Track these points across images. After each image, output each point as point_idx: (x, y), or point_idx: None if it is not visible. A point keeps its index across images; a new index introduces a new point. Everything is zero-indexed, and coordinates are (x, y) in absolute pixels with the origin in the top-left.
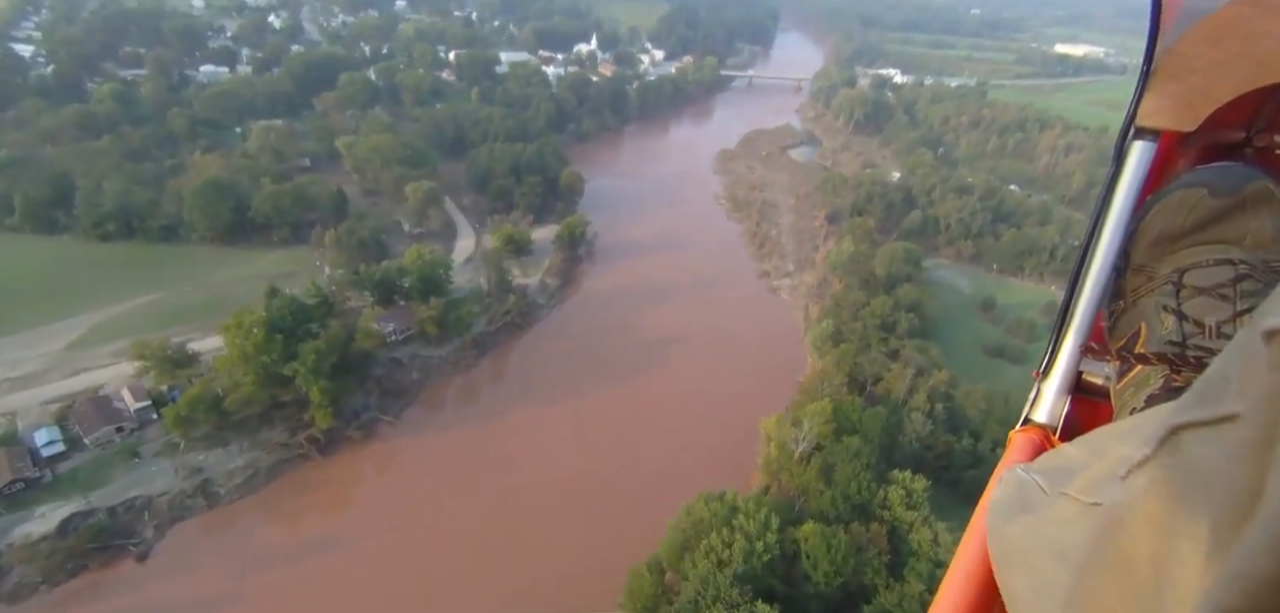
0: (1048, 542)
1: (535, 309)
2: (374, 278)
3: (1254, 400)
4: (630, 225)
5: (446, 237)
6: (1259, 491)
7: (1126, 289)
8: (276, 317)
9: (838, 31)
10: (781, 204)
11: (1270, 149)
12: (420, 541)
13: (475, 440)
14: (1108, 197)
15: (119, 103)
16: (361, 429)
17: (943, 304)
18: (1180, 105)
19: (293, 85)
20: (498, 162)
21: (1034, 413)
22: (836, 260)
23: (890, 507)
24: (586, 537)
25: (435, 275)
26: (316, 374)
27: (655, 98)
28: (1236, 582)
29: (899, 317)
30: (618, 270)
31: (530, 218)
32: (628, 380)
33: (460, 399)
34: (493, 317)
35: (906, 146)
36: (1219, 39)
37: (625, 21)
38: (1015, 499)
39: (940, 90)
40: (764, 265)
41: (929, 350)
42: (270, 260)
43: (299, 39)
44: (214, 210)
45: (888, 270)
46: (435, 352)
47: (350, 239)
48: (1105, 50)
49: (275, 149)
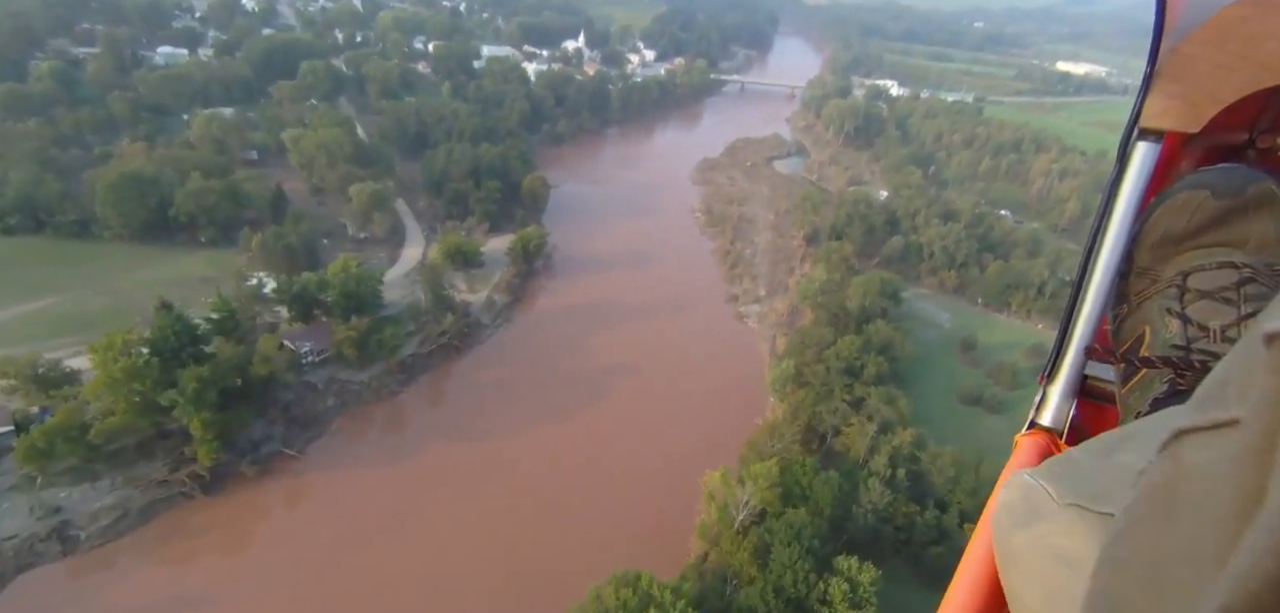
0: (1054, 548)
1: (477, 329)
2: (291, 291)
3: (1255, 404)
4: (596, 237)
5: (393, 243)
6: (1261, 494)
7: (1131, 292)
8: (158, 337)
9: (837, 39)
10: (760, 220)
11: (1274, 150)
12: (293, 604)
13: (380, 484)
14: (1111, 198)
15: (59, 83)
16: (257, 465)
17: (920, 341)
18: (1184, 106)
19: (252, 72)
20: (455, 163)
21: (1040, 417)
22: (807, 289)
23: (830, 604)
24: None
25: (362, 290)
26: (199, 404)
27: (639, 100)
28: (1239, 585)
29: (867, 360)
30: (576, 287)
31: (485, 226)
32: (567, 417)
33: (376, 432)
34: (427, 337)
35: (896, 163)
36: (1222, 40)
37: (620, 20)
38: (1022, 505)
39: (935, 105)
40: (734, 288)
41: (897, 401)
42: (191, 264)
43: (273, 23)
44: (129, 206)
45: (862, 303)
46: (357, 376)
47: (276, 244)
48: (1107, 69)
49: (217, 140)
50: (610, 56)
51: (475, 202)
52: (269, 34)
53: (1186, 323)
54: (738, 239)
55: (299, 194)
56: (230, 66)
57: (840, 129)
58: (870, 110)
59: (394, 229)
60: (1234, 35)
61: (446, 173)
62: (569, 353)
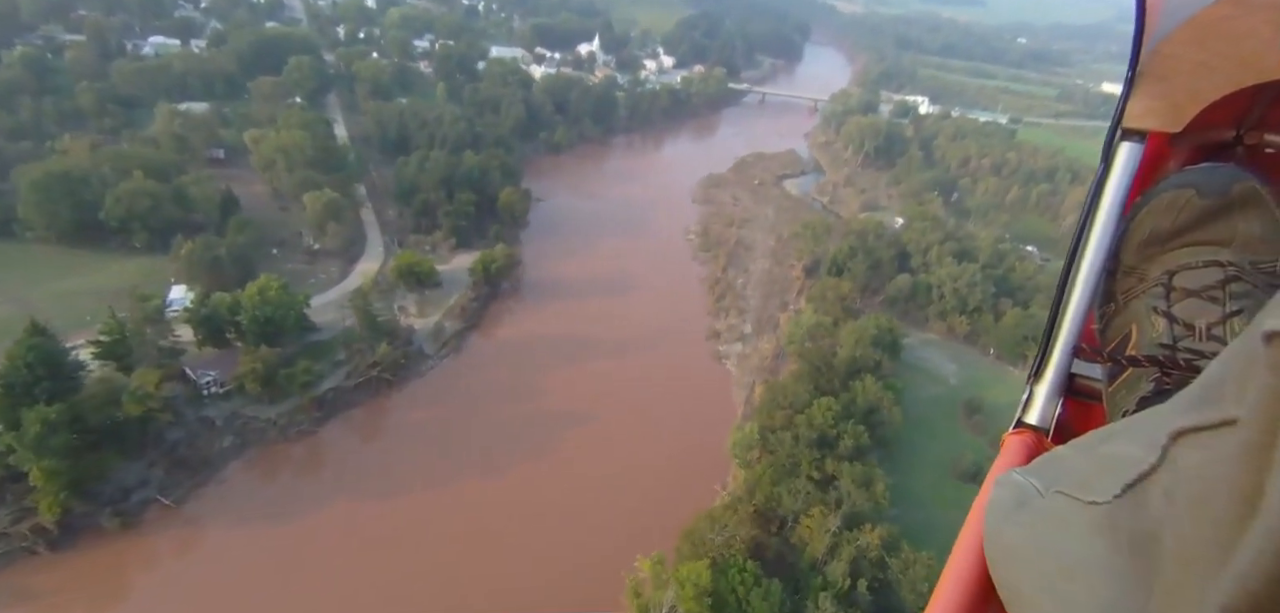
0: (1044, 540)
1: (417, 361)
2: (199, 312)
3: (1254, 403)
4: (576, 258)
5: (349, 256)
6: (1259, 493)
7: (1117, 291)
8: (8, 367)
9: (871, 51)
10: (759, 246)
11: (1261, 147)
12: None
13: (254, 545)
14: (1096, 197)
15: (30, 71)
16: (121, 516)
17: (919, 398)
18: (1167, 106)
19: (237, 66)
20: (427, 172)
21: (1027, 415)
22: (793, 333)
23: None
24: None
25: (280, 315)
26: (42, 449)
27: (648, 109)
28: (1240, 584)
29: (844, 430)
30: (542, 315)
31: (452, 242)
32: (497, 473)
33: (271, 481)
34: (356, 368)
35: (916, 188)
36: (1203, 40)
37: (644, 23)
38: (1013, 501)
39: (965, 125)
40: (719, 322)
41: (874, 483)
42: (120, 272)
43: (279, 16)
44: (55, 207)
45: (853, 353)
46: (264, 412)
47: (204, 255)
48: None
49: (180, 137)
50: (625, 61)
51: (444, 215)
52: (270, 26)
53: (1173, 322)
54: (731, 266)
55: (262, 199)
56: (216, 59)
57: (859, 148)
58: (893, 129)
59: (354, 240)
60: (1215, 34)
61: (417, 182)
62: (517, 394)
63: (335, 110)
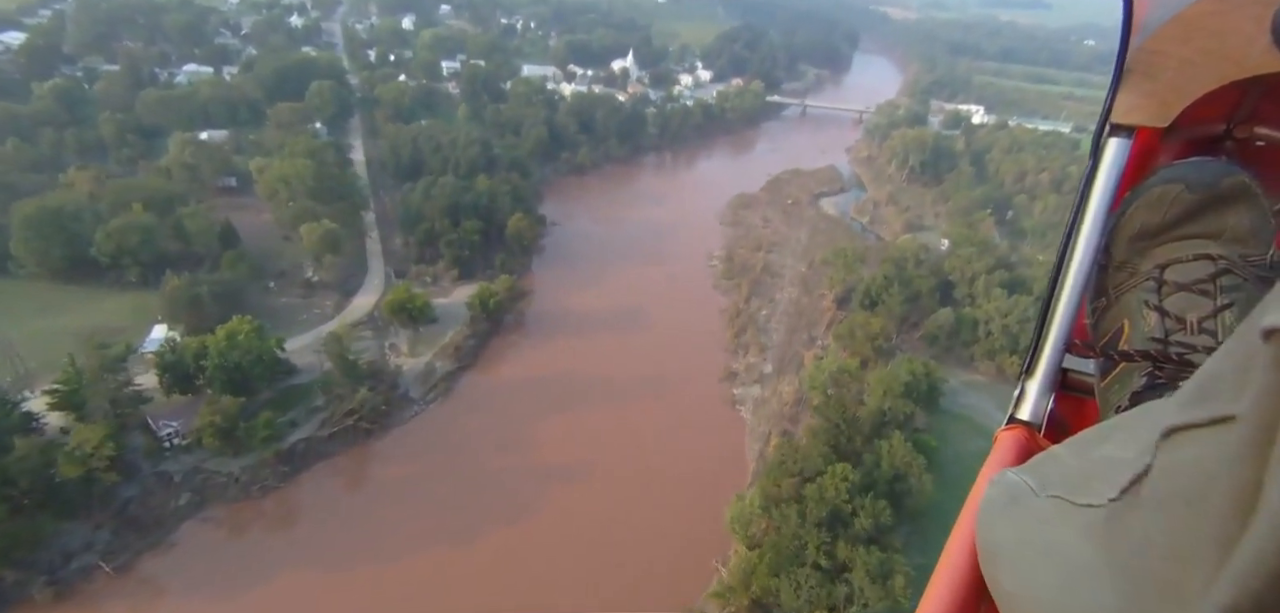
0: (1038, 540)
1: (402, 406)
2: (164, 357)
3: (1252, 400)
4: (589, 287)
5: (346, 290)
6: (1259, 490)
7: (1109, 286)
8: None
9: (924, 58)
10: (788, 272)
11: (1249, 141)
12: None
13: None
14: (1086, 193)
15: (61, 102)
16: (56, 585)
17: (958, 453)
18: (1154, 102)
19: (262, 92)
20: (433, 199)
21: (1019, 412)
22: (815, 378)
23: None
24: None
25: (248, 361)
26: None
27: (680, 125)
28: (1237, 581)
29: (861, 506)
30: (544, 352)
31: (454, 273)
32: (470, 540)
33: (225, 543)
34: (331, 417)
35: (966, 206)
36: (1189, 36)
37: (686, 38)
38: (1006, 500)
39: (1022, 136)
40: (737, 360)
41: (893, 573)
42: (106, 310)
43: (316, 40)
44: (46, 243)
45: (881, 404)
46: (228, 466)
47: (186, 293)
48: None
49: (190, 166)
50: (660, 77)
51: (445, 245)
52: (306, 51)
53: (1164, 316)
54: (755, 296)
55: (268, 228)
56: (242, 86)
57: (904, 163)
58: (941, 141)
59: (354, 272)
60: (1200, 30)
61: (422, 209)
62: (504, 444)
63: (357, 134)
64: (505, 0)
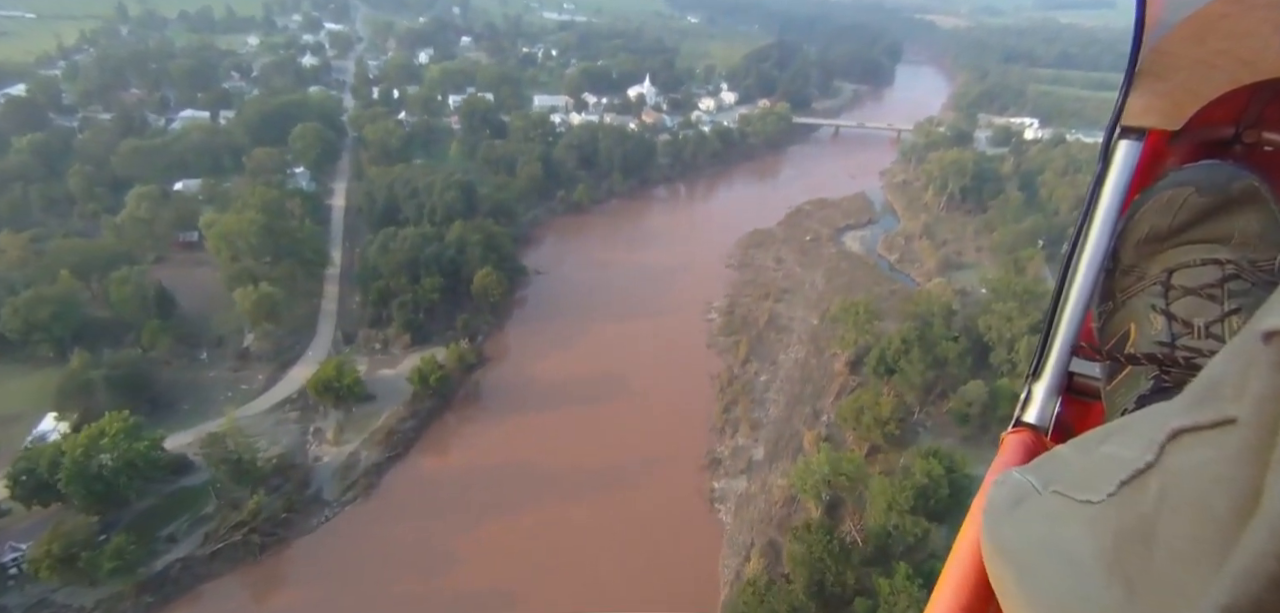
0: (1041, 538)
1: (311, 510)
2: (13, 468)
3: (1253, 403)
4: (565, 348)
5: (285, 360)
6: (1259, 492)
7: (1116, 289)
8: None
9: (974, 68)
10: (797, 325)
11: (1260, 145)
12: None
13: None
14: (1095, 196)
15: (39, 157)
16: None
17: None
18: (1166, 105)
19: (247, 137)
20: (389, 254)
21: (1025, 415)
22: (804, 484)
23: None
24: None
25: (115, 467)
26: None
27: (694, 154)
28: (1237, 582)
29: None
30: (496, 435)
31: (407, 338)
32: None
33: None
34: (216, 530)
35: (1013, 239)
36: (1202, 38)
37: (715, 58)
38: (1010, 500)
39: (1080, 152)
40: (723, 443)
41: None
42: (8, 392)
43: (325, 79)
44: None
45: (885, 522)
46: (82, 597)
47: (79, 376)
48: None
49: (144, 222)
50: (681, 102)
51: (397, 306)
52: (316, 91)
53: (1171, 320)
54: (755, 356)
55: (221, 288)
56: (228, 132)
57: (942, 188)
58: (985, 164)
59: (300, 337)
60: (1214, 32)
61: (378, 265)
62: (422, 563)
63: (342, 178)
64: (529, 29)
